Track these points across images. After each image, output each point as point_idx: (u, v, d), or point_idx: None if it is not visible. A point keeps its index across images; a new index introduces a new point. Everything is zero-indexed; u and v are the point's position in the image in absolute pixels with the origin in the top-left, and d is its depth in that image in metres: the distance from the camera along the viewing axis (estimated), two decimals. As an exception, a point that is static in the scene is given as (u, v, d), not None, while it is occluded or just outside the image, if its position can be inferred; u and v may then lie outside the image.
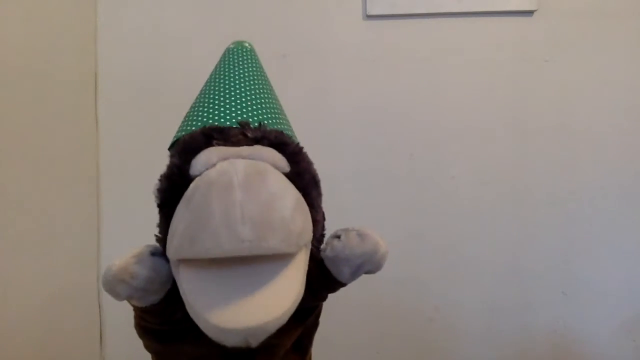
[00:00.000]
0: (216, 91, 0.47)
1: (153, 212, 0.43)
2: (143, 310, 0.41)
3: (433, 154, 1.01)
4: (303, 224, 0.36)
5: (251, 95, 0.47)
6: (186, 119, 0.48)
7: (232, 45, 0.52)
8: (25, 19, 0.81)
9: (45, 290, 0.85)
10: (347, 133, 1.02)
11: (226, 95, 0.46)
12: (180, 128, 0.47)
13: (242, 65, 0.49)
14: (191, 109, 0.48)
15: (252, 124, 0.43)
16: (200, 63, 0.67)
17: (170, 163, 0.41)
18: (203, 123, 0.44)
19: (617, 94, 1.00)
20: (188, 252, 0.32)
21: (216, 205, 0.32)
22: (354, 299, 0.97)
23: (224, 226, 0.31)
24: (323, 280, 0.46)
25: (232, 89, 0.46)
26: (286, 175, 0.39)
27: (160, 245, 0.41)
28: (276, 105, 0.49)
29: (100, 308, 1.02)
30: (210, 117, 0.44)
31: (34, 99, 0.83)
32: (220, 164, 0.36)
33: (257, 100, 0.47)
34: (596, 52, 1.00)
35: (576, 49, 1.00)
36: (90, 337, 1.01)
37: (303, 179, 0.41)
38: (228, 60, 0.50)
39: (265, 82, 0.50)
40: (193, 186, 0.35)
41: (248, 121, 0.43)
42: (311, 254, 0.40)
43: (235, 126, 0.43)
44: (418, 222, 1.01)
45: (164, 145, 0.48)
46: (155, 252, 0.40)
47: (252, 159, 0.37)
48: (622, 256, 1.00)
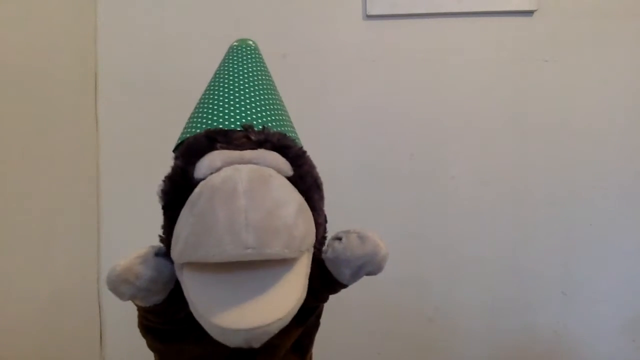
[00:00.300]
0: (220, 92, 0.47)
1: (153, 212, 0.43)
2: (146, 310, 0.42)
3: (433, 154, 1.01)
4: (305, 229, 0.36)
5: (255, 96, 0.47)
6: (191, 120, 0.48)
7: (236, 43, 0.52)
8: (25, 19, 0.81)
9: (45, 290, 0.85)
10: (347, 133, 1.02)
11: (230, 96, 0.46)
12: (184, 129, 0.47)
13: (246, 64, 0.49)
14: (195, 110, 0.48)
15: (256, 127, 0.43)
16: (200, 63, 0.68)
17: (174, 165, 0.41)
18: (207, 125, 0.44)
19: (617, 94, 1.00)
20: (192, 257, 0.33)
21: (220, 211, 0.32)
22: (355, 299, 0.97)
23: (228, 232, 0.31)
24: (324, 281, 0.46)
25: (236, 90, 0.46)
26: (289, 178, 0.39)
27: (164, 245, 0.41)
28: (279, 106, 0.49)
29: (100, 308, 1.02)
30: (214, 120, 0.44)
31: (34, 99, 0.83)
32: (224, 170, 0.36)
33: (261, 101, 0.47)
34: (596, 52, 1.00)
35: (576, 49, 1.00)
36: (90, 337, 1.01)
37: (305, 182, 0.42)
38: (232, 59, 0.50)
39: (269, 82, 0.50)
40: (198, 191, 0.35)
41: (252, 124, 0.43)
42: (313, 256, 0.41)
43: (239, 129, 0.43)
44: (418, 222, 1.01)
45: (164, 145, 0.48)
46: (159, 253, 0.40)
47: (256, 164, 0.38)
48: (622, 256, 1.00)
